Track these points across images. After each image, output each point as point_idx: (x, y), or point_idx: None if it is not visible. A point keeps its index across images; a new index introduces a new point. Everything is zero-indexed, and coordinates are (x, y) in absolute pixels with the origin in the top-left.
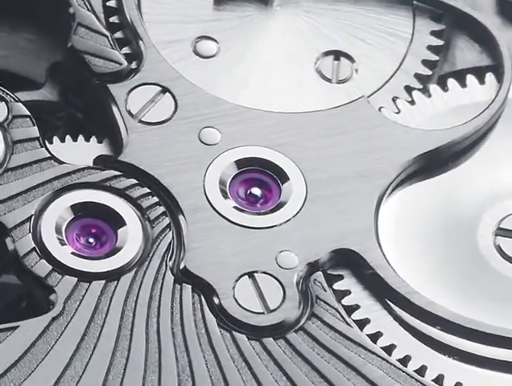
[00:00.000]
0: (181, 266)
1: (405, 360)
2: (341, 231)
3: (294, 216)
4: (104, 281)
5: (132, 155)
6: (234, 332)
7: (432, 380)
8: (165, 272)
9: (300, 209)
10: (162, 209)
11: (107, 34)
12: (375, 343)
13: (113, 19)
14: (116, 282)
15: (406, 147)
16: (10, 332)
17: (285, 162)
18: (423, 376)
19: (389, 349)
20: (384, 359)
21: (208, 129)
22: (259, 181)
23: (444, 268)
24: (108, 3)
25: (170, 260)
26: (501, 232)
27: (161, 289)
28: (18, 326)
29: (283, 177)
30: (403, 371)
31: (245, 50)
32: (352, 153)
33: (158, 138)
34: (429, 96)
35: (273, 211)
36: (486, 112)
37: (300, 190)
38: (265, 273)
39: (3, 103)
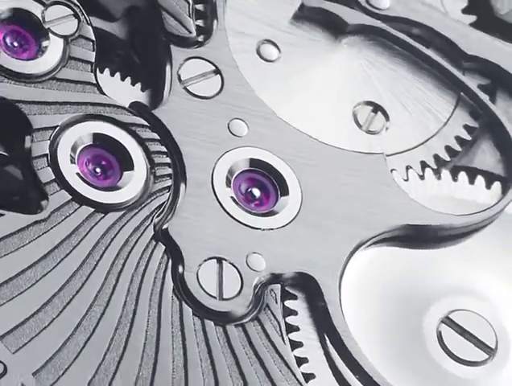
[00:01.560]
0: (164, 227)
1: None
2: (312, 258)
3: (278, 228)
4: (93, 210)
5: (165, 114)
6: (184, 303)
7: None
8: (148, 225)
9: (287, 224)
10: (169, 171)
11: (190, 1)
12: (298, 367)
13: None
14: (103, 215)
15: (400, 213)
16: None
17: (291, 178)
18: None
19: (308, 377)
20: (299, 384)
21: (239, 122)
22: (262, 185)
23: (387, 333)
24: None
25: (157, 217)
26: (447, 321)
27: (138, 238)
28: (2, 215)
29: (284, 190)
30: None
31: (300, 68)
32: (351, 197)
33: (194, 110)
34: (439, 178)
35: (263, 215)
36: (482, 214)
37: (294, 208)
38: (232, 264)
39: (76, 20)
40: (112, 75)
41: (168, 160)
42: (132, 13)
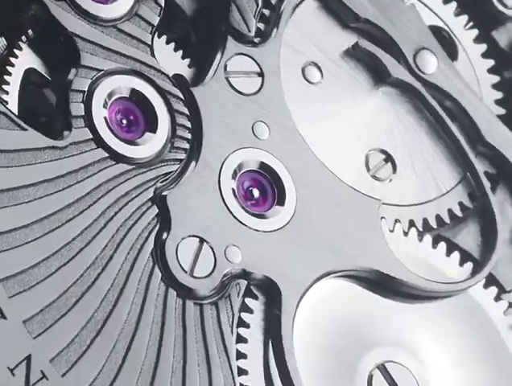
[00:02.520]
0: (163, 193)
1: None
2: (284, 269)
3: (264, 231)
4: (107, 155)
5: (201, 94)
6: (156, 267)
7: None
8: (150, 186)
9: (272, 231)
10: (186, 146)
11: (259, 4)
12: (236, 360)
13: None
14: (114, 163)
15: (375, 258)
16: (17, 130)
17: (291, 192)
18: None
19: (241, 371)
20: (232, 376)
21: (263, 125)
22: (263, 188)
23: (324, 361)
24: None
25: (161, 182)
26: (382, 368)
27: (138, 194)
28: (26, 130)
29: (281, 200)
30: None
31: (334, 98)
32: (338, 229)
33: (227, 100)
34: (420, 240)
35: (255, 215)
36: (447, 285)
37: (283, 219)
38: (211, 248)
39: None
40: (167, 43)
41: (189, 136)
42: None
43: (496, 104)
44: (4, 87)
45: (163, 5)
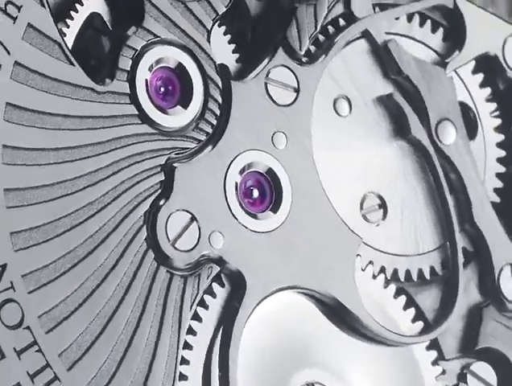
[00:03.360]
0: (174, 164)
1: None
2: (256, 268)
3: (251, 230)
4: (136, 113)
5: (237, 89)
6: (145, 227)
7: None
8: (163, 155)
9: (258, 232)
10: (209, 130)
11: (317, 28)
12: (186, 334)
13: None
14: (139, 122)
15: (340, 287)
16: (66, 63)
17: (287, 204)
18: None
19: (187, 345)
20: (177, 347)
21: (283, 137)
22: (263, 191)
23: (258, 371)
24: None
25: (175, 154)
26: None
27: (149, 158)
28: (74, 66)
29: (275, 208)
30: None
31: (354, 135)
32: (317, 249)
33: (260, 104)
34: (385, 287)
35: (247, 213)
36: (393, 335)
37: (272, 225)
38: (199, 228)
39: None
40: (224, 34)
41: (214, 122)
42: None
43: (494, 191)
44: (67, 21)
45: None
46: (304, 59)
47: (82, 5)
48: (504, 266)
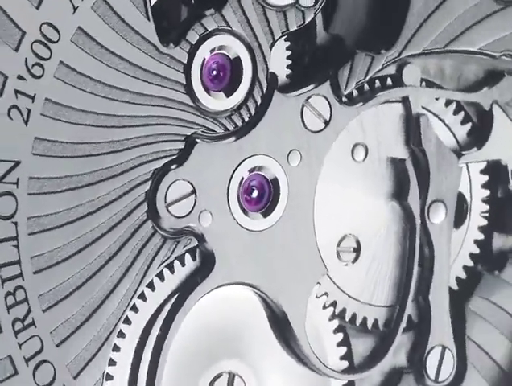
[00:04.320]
0: (197, 139)
1: None
2: (229, 257)
3: (237, 223)
4: (183, 83)
5: (277, 101)
6: (149, 182)
7: None
8: (191, 128)
9: (243, 227)
10: (239, 124)
11: (366, 77)
12: (146, 286)
13: None
14: (183, 92)
15: (293, 306)
16: (143, 15)
17: (277, 214)
18: None
19: (142, 296)
20: (134, 294)
21: (298, 156)
22: (262, 195)
23: (183, 353)
24: None
25: (201, 132)
26: (231, 376)
27: (176, 125)
28: (149, 20)
29: (267, 213)
30: None
31: (359, 177)
32: (286, 263)
33: (291, 122)
34: (330, 320)
35: (240, 206)
36: (326, 369)
37: (257, 226)
38: (194, 201)
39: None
40: (286, 49)
41: (246, 119)
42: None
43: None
44: None
45: (307, 18)
46: (344, 99)
47: None
48: (436, 346)
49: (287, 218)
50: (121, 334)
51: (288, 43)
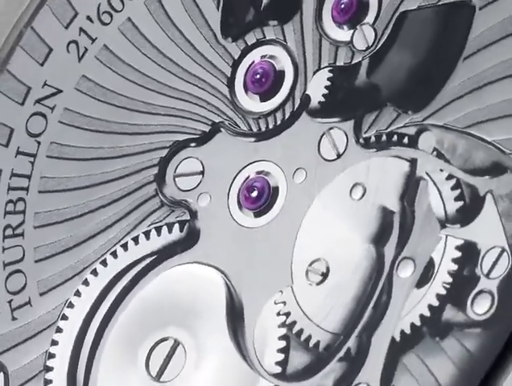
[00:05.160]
0: (220, 128)
1: None
2: (211, 245)
3: (230, 215)
4: (227, 76)
5: (302, 123)
6: (166, 151)
7: None
8: (219, 116)
9: (233, 220)
10: (263, 130)
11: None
12: (121, 245)
13: None
14: (225, 83)
15: (249, 307)
16: (214, 3)
17: (267, 218)
18: None
19: (114, 253)
20: (110, 245)
21: (304, 174)
22: (260, 197)
23: (126, 324)
24: None
25: (227, 124)
26: (174, 344)
27: (208, 109)
28: (217, 10)
29: (258, 215)
30: None
31: (351, 217)
32: (260, 264)
33: (307, 147)
34: (279, 339)
35: (237, 201)
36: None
37: (245, 222)
38: (200, 181)
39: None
40: (327, 79)
41: (270, 127)
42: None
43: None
44: None
45: (354, 59)
46: (361, 141)
47: None
48: (362, 383)
49: (275, 225)
50: (85, 282)
51: (330, 75)
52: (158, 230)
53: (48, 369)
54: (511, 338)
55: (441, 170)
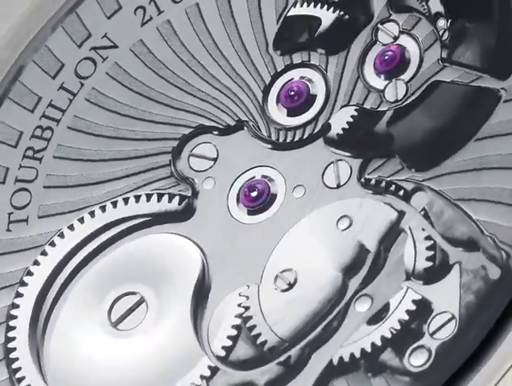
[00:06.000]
0: (244, 127)
1: None
2: (206, 220)
3: (226, 207)
4: (260, 89)
5: (318, 144)
6: (188, 130)
7: None
8: (247, 116)
9: (228, 211)
10: (281, 140)
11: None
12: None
13: None
14: (260, 93)
15: (217, 288)
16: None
17: (258, 219)
18: None
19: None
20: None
21: (302, 191)
22: (258, 198)
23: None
24: None
25: (252, 125)
26: (140, 300)
27: (239, 108)
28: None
29: (252, 213)
30: None
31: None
32: (229, 254)
33: (316, 166)
34: (232, 327)
35: (237, 196)
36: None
37: (237, 215)
38: (210, 167)
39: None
40: (351, 116)
41: (288, 140)
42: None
43: None
44: None
45: (380, 108)
46: (362, 180)
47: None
48: None
49: (263, 227)
50: (81, 220)
51: (355, 113)
52: (160, 196)
53: (23, 284)
54: None
55: (423, 230)
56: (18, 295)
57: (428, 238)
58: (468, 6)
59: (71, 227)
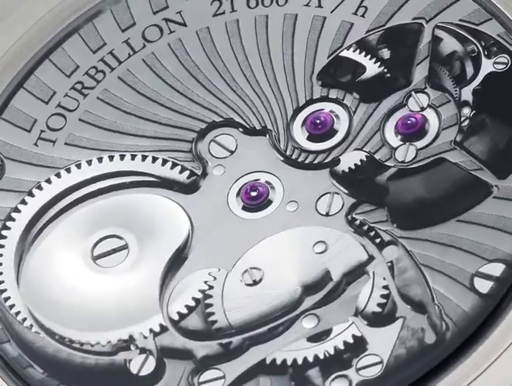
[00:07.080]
0: (264, 133)
1: None
2: (205, 204)
3: (225, 199)
4: (290, 114)
5: (324, 174)
6: (211, 120)
7: None
8: (265, 128)
9: (227, 204)
10: (293, 158)
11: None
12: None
13: None
14: (292, 112)
15: (193, 258)
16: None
17: (252, 218)
18: None
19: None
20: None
21: (295, 206)
22: (256, 198)
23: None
24: None
25: (273, 139)
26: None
27: (256, 122)
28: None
29: (247, 211)
30: None
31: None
32: (226, 247)
33: (314, 191)
34: (188, 308)
35: (237, 192)
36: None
37: (234, 209)
38: (224, 157)
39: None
40: (360, 159)
41: (299, 160)
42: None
43: None
44: None
45: (388, 162)
46: (349, 218)
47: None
48: (221, 371)
49: (250, 224)
50: (89, 162)
51: (364, 159)
52: (174, 165)
53: (31, 194)
54: None
55: (384, 279)
56: (23, 202)
57: (386, 287)
58: (494, 105)
59: (89, 162)
